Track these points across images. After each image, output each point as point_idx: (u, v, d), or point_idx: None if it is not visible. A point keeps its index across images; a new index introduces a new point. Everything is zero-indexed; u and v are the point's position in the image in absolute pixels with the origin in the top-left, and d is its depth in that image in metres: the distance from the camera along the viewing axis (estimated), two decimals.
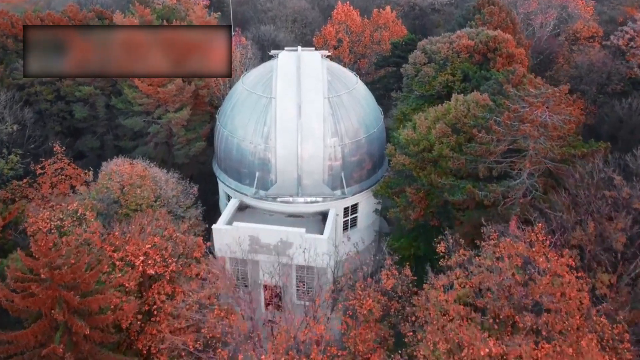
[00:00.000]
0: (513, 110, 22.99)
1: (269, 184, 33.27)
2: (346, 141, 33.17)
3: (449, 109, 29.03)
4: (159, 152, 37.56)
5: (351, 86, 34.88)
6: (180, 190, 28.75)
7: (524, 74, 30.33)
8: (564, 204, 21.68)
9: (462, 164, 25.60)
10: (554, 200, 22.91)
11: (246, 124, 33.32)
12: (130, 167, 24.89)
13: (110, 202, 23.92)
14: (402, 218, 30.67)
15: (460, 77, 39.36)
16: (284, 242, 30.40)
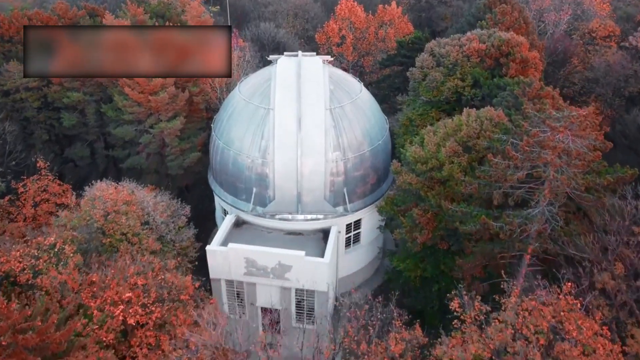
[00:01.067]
0: (533, 135, 20.88)
1: (266, 200, 31.33)
2: (349, 155, 31.11)
3: (459, 124, 26.91)
4: (151, 163, 35.60)
5: (355, 95, 32.70)
6: (170, 213, 26.83)
7: (541, 86, 28.10)
8: (589, 242, 19.68)
9: (475, 189, 23.57)
10: (575, 234, 20.90)
11: (243, 136, 31.28)
12: (115, 192, 22.99)
13: (92, 232, 22.07)
14: (408, 240, 28.73)
15: (471, 82, 37.16)
16: (282, 265, 28.57)
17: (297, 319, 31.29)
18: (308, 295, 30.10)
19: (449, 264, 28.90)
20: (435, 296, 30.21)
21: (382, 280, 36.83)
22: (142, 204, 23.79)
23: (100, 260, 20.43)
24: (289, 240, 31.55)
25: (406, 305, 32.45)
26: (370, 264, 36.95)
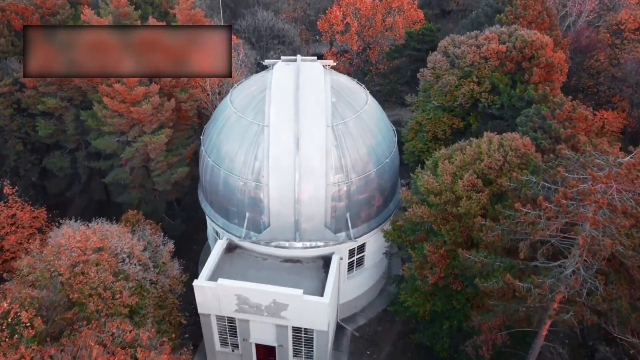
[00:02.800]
0: (571, 185, 17.60)
1: (261, 226, 28.32)
2: (353, 177, 27.88)
3: (480, 153, 23.57)
4: (136, 177, 32.46)
5: (359, 108, 29.22)
6: (152, 250, 23.88)
7: (574, 107, 24.57)
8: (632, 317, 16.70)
9: (497, 237, 20.44)
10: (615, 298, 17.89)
11: (234, 155, 28.03)
12: (83, 239, 20.00)
13: (57, 291, 19.22)
14: (418, 277, 25.81)
15: (489, 87, 33.60)
16: (278, 304, 25.78)
17: (294, 356, 28.74)
18: (306, 332, 27.44)
19: (461, 300, 26.10)
20: (446, 333, 27.51)
21: (387, 303, 34.14)
22: (116, 250, 20.83)
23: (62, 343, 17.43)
24: (286, 268, 28.71)
25: (413, 341, 29.95)
26: (374, 286, 34.21)
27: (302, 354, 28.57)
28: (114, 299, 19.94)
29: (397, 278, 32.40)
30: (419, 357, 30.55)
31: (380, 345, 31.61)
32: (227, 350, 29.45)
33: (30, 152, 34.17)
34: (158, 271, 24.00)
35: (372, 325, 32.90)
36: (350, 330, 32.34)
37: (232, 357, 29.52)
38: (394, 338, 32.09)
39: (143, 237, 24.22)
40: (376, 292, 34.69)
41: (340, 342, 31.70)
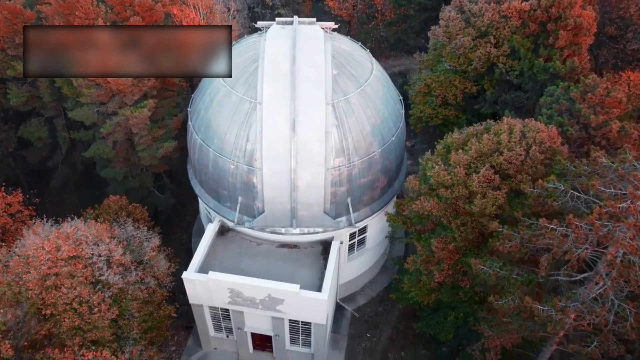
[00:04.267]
0: (610, 206, 15.18)
1: (255, 211, 26.17)
2: (355, 160, 25.33)
3: (499, 143, 20.86)
4: (119, 151, 29.89)
5: (364, 80, 26.08)
6: (134, 248, 21.83)
7: (607, 90, 21.54)
8: None
9: (516, 248, 18.29)
10: None
11: (224, 134, 25.33)
12: (53, 249, 17.85)
13: (26, 307, 17.36)
14: (424, 273, 24.00)
15: (507, 51, 30.14)
16: (273, 299, 24.17)
17: (291, 343, 27.60)
18: (304, 323, 26.08)
19: (469, 292, 24.46)
20: (451, 325, 26.15)
21: (389, 280, 32.72)
22: (92, 258, 18.75)
23: None
24: (282, 255, 26.91)
25: (416, 330, 28.70)
26: (375, 264, 32.61)
27: (299, 341, 27.41)
28: (92, 313, 18.15)
29: (399, 261, 30.73)
30: (421, 341, 29.47)
31: (380, 328, 30.46)
32: (221, 335, 28.31)
33: (4, 121, 31.38)
34: (143, 268, 22.11)
35: (373, 305, 31.62)
36: (350, 310, 31.10)
37: (227, 342, 28.44)
38: (395, 320, 30.90)
39: (125, 234, 22.09)
40: (377, 269, 33.16)
41: (339, 323, 30.54)
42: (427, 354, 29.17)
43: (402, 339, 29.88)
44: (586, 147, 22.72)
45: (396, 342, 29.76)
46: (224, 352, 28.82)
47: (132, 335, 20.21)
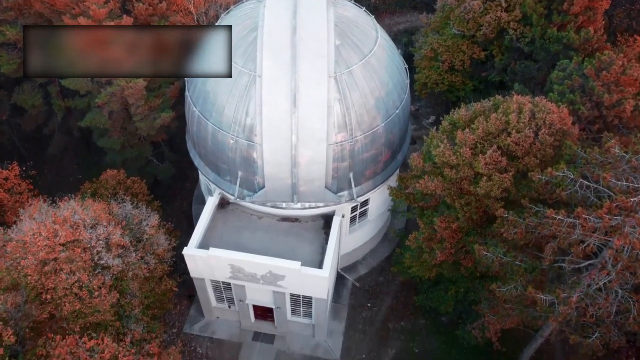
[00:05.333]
0: (621, 201, 14.69)
1: (255, 186, 25.75)
2: (358, 135, 24.64)
3: (507, 123, 20.11)
4: (116, 121, 29.12)
5: (368, 50, 24.94)
6: (133, 228, 21.55)
7: (624, 67, 20.53)
8: None
9: (521, 235, 17.98)
10: None
11: (222, 107, 24.53)
12: (51, 234, 17.50)
13: (27, 292, 17.25)
14: (426, 251, 23.83)
15: (519, 16, 28.76)
16: (274, 275, 24.17)
17: (292, 314, 27.91)
18: (305, 297, 26.25)
19: (470, 269, 24.40)
20: (451, 298, 26.28)
21: (391, 249, 32.75)
22: (91, 242, 18.48)
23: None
24: (283, 229, 26.72)
25: (416, 303, 28.91)
26: (377, 234, 32.52)
27: (300, 313, 27.70)
28: (92, 297, 18.11)
29: (401, 233, 30.61)
30: (421, 312, 29.79)
31: (381, 297, 30.74)
32: (223, 306, 28.60)
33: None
34: (143, 246, 21.95)
35: (374, 275, 31.78)
36: (350, 280, 31.29)
37: (229, 312, 28.77)
38: (396, 290, 31.13)
39: (123, 213, 21.77)
40: (379, 239, 33.10)
41: (340, 293, 30.80)
42: (426, 324, 29.56)
43: (403, 309, 30.20)
44: (597, 125, 21.99)
45: (396, 312, 30.10)
46: (226, 321, 29.23)
47: (133, 313, 20.30)
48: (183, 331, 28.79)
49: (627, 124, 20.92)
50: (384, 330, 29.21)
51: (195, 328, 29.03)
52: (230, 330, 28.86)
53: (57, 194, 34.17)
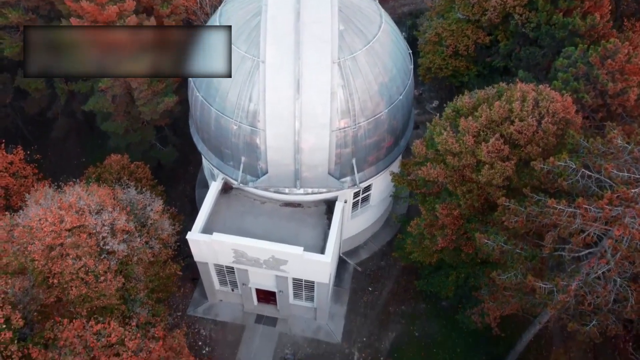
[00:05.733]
0: (622, 192, 14.79)
1: (258, 171, 25.89)
2: (361, 121, 24.67)
3: (510, 111, 20.09)
4: (119, 105, 29.16)
5: (372, 35, 24.81)
6: (137, 213, 21.78)
7: (629, 54, 20.41)
8: None
9: (521, 223, 18.14)
10: None
11: (226, 93, 24.54)
12: (57, 220, 17.72)
13: (34, 275, 17.55)
14: (427, 237, 24.04)
15: (524, 1, 28.43)
16: (277, 260, 24.47)
17: (294, 298, 28.31)
18: (307, 282, 26.59)
19: (471, 255, 24.64)
20: (452, 284, 26.58)
21: (392, 235, 33.02)
22: (96, 227, 18.71)
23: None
24: (286, 214, 26.95)
25: (417, 288, 29.23)
26: (379, 219, 32.75)
27: (302, 297, 28.09)
28: (98, 282, 18.42)
29: (402, 218, 30.78)
30: (421, 296, 30.15)
31: (382, 282, 31.10)
32: (226, 289, 29.01)
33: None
34: (147, 231, 22.22)
35: (375, 260, 32.11)
36: (352, 264, 31.62)
37: (232, 294, 29.18)
38: (397, 274, 31.47)
39: (128, 198, 21.98)
40: (381, 223, 33.35)
41: (342, 277, 31.16)
42: (427, 308, 29.95)
43: (403, 293, 30.58)
44: (601, 114, 21.96)
45: (397, 296, 30.48)
46: (230, 304, 29.67)
47: (139, 297, 20.65)
48: (187, 314, 29.26)
49: (631, 113, 20.89)
50: (384, 314, 29.63)
51: (198, 310, 29.51)
52: (233, 312, 29.31)
53: (61, 176, 34.43)
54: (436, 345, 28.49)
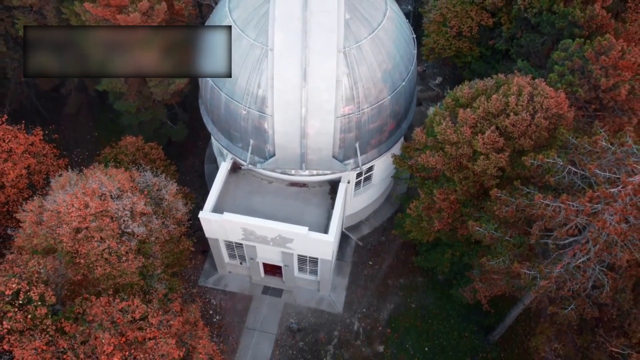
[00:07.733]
0: (602, 192, 16.08)
1: (266, 153, 27.17)
2: (365, 107, 25.74)
3: (507, 104, 21.15)
4: (132, 85, 30.18)
5: (377, 24, 25.54)
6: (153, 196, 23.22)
7: (622, 52, 21.24)
8: None
9: (511, 213, 19.56)
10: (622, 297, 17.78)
11: (235, 79, 25.51)
12: (82, 205, 19.14)
13: (62, 256, 19.14)
14: (425, 219, 25.52)
15: None
16: (283, 238, 26.09)
17: (299, 272, 30.13)
18: (311, 257, 28.30)
19: (465, 235, 26.20)
20: (447, 260, 28.26)
21: (393, 212, 34.56)
22: (117, 212, 20.19)
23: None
24: (292, 193, 28.42)
25: (415, 264, 30.92)
26: (380, 196, 34.20)
27: (306, 271, 29.89)
28: (120, 262, 20.10)
29: (402, 197, 32.15)
30: (419, 270, 31.93)
31: (382, 256, 32.85)
32: (235, 262, 30.83)
33: (14, 51, 31.27)
34: (162, 212, 23.76)
35: (376, 235, 33.75)
36: (354, 239, 33.29)
37: (241, 267, 31.02)
38: (397, 249, 33.16)
39: (144, 181, 23.41)
40: (382, 200, 34.81)
41: (344, 251, 32.90)
42: (424, 282, 31.79)
43: (402, 267, 32.37)
44: (594, 106, 22.97)
45: (396, 270, 32.29)
46: (238, 276, 31.57)
47: (156, 273, 22.38)
48: (198, 284, 31.20)
49: (622, 107, 21.89)
50: (383, 287, 31.51)
51: (209, 281, 31.44)
52: (241, 284, 31.24)
53: (75, 150, 35.83)
54: (431, 316, 30.47)
